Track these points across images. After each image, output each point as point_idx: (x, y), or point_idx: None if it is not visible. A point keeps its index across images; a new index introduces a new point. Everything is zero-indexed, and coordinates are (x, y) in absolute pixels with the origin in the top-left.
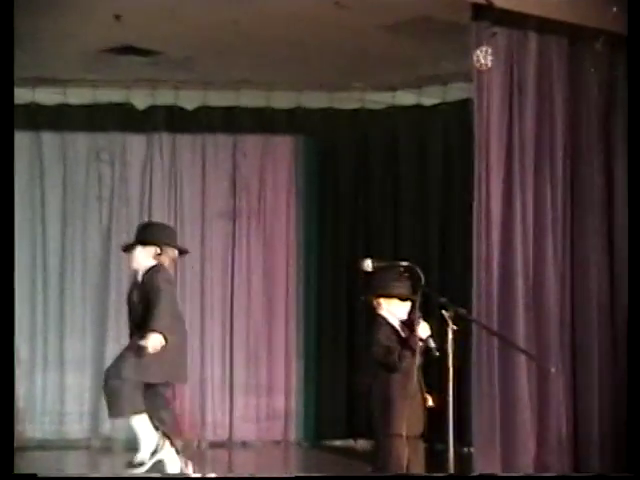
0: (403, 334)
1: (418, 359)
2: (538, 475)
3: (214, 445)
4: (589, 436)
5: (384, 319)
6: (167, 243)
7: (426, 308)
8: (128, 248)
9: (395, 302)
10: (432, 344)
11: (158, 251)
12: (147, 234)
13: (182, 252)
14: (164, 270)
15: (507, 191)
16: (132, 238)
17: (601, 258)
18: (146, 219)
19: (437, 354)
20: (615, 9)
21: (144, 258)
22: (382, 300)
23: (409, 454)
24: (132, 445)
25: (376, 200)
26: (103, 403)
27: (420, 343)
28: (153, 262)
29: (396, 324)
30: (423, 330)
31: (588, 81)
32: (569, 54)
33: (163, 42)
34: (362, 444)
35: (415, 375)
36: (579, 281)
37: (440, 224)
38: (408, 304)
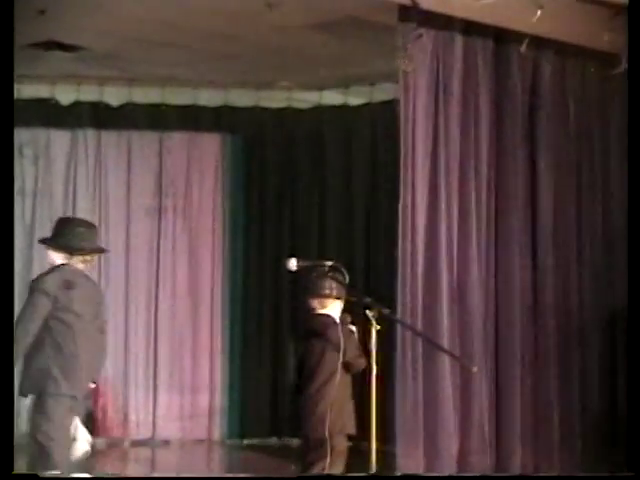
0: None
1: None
2: (537, 475)
3: (137, 444)
4: (511, 435)
5: (327, 317)
6: (71, 249)
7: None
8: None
9: (332, 302)
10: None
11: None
12: (55, 238)
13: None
14: (66, 271)
15: (432, 191)
16: None
17: (524, 259)
18: (69, 215)
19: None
20: (540, 12)
21: (55, 256)
22: (314, 300)
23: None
24: None
25: (302, 199)
26: (25, 402)
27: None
28: (62, 261)
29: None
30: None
31: (512, 82)
32: (494, 56)
33: (88, 37)
34: (286, 442)
35: (347, 375)
36: (502, 281)
37: (365, 224)
38: (339, 304)
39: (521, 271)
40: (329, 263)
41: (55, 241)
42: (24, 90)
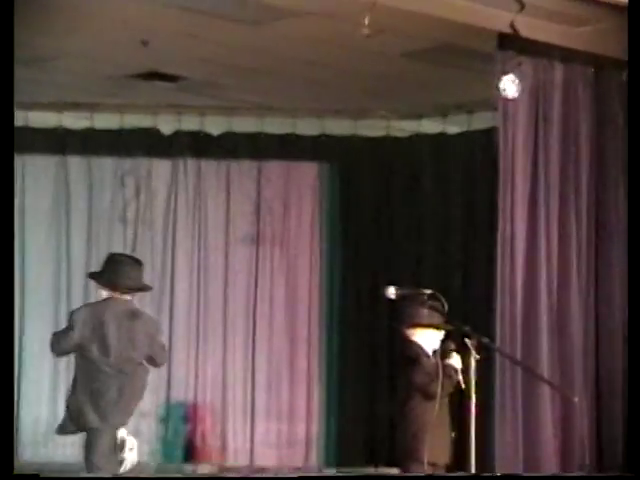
0: (437, 363)
1: (450, 389)
2: (540, 475)
3: (235, 470)
4: (613, 466)
5: (420, 347)
6: (114, 286)
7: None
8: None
9: (426, 331)
10: (460, 376)
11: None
12: (102, 273)
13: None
14: (105, 306)
15: (532, 220)
16: (154, 262)
17: (625, 287)
18: (170, 243)
19: (463, 386)
20: None
21: (102, 292)
22: (417, 329)
23: None
24: (151, 469)
25: (399, 228)
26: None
27: (453, 374)
28: (106, 295)
29: (430, 353)
30: (456, 361)
31: (613, 111)
32: (594, 84)
33: (188, 67)
34: (383, 471)
35: (446, 405)
36: (603, 311)
37: (464, 252)
38: (439, 333)
39: (622, 299)
40: (428, 291)
41: (101, 276)
42: (126, 120)
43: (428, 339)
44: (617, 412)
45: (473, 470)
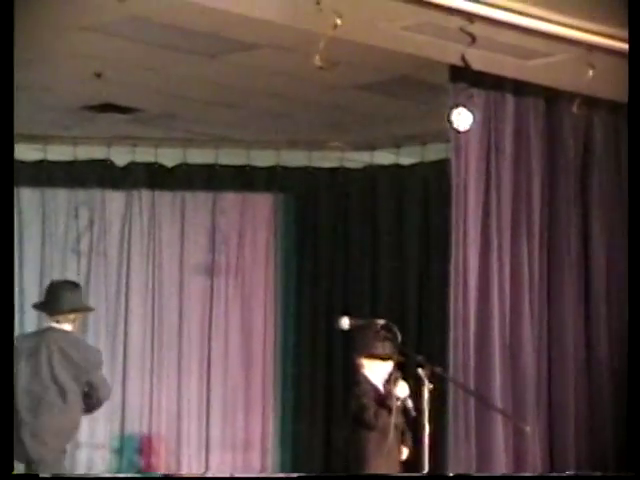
0: (383, 393)
1: (396, 418)
2: (539, 475)
3: None
4: None
5: (365, 377)
6: (49, 310)
7: (404, 366)
8: None
9: (377, 361)
10: (410, 404)
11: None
12: (42, 301)
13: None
14: (40, 335)
15: (484, 250)
16: (108, 293)
17: (577, 319)
18: (124, 274)
19: (414, 414)
20: (591, 73)
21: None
22: (364, 359)
23: None
24: None
25: (355, 258)
26: (78, 460)
27: (398, 402)
28: (49, 324)
29: (378, 383)
30: (401, 389)
31: (565, 142)
32: (546, 116)
33: (143, 99)
34: None
35: (392, 433)
36: (555, 341)
37: (417, 283)
38: (390, 363)
39: (574, 330)
40: (381, 322)
41: (43, 304)
42: (80, 151)
43: (377, 369)
44: (569, 440)
45: None
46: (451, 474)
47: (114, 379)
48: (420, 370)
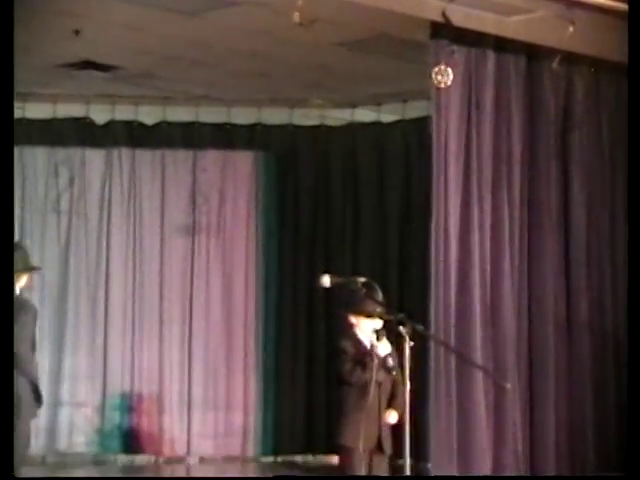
0: (367, 349)
1: (378, 376)
2: (538, 476)
3: (172, 461)
4: (545, 451)
5: (352, 334)
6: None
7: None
8: None
9: (365, 319)
10: (390, 362)
11: None
12: None
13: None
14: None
15: (465, 208)
16: (89, 251)
17: (557, 274)
18: (105, 233)
19: (394, 373)
20: (572, 27)
21: None
22: (353, 316)
23: (369, 467)
24: (88, 460)
25: (336, 215)
26: (60, 419)
27: (376, 360)
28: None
29: (365, 340)
30: (383, 348)
31: (545, 99)
32: (526, 72)
33: (123, 57)
34: (320, 459)
35: (373, 390)
36: (535, 297)
37: (399, 240)
38: (378, 321)
39: (554, 287)
40: (362, 280)
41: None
42: (59, 109)
43: (365, 327)
44: (549, 397)
45: (407, 455)
46: (456, 474)
47: (95, 339)
48: (401, 328)
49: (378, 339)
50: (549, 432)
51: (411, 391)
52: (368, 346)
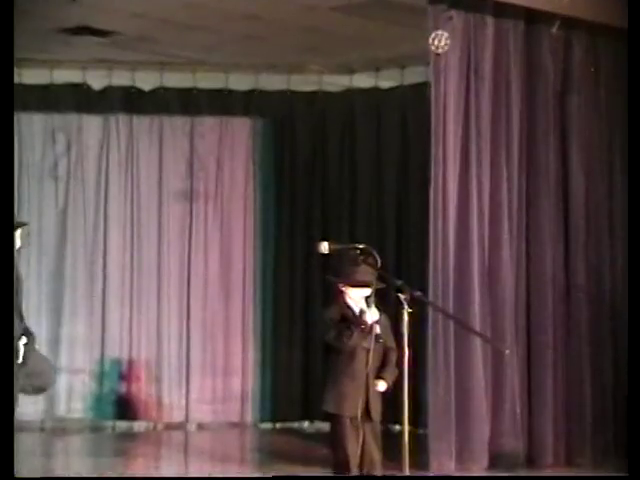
0: (356, 317)
1: (366, 342)
2: (537, 475)
3: (171, 427)
4: (543, 418)
5: (343, 300)
6: None
7: (384, 290)
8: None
9: (355, 288)
10: (377, 330)
11: None
12: None
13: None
14: None
15: (464, 174)
16: (87, 218)
17: (556, 241)
18: (102, 200)
19: (381, 340)
20: None
21: None
22: (343, 285)
23: (360, 434)
24: (86, 426)
25: (333, 182)
26: (58, 385)
27: (364, 327)
28: None
29: (354, 307)
30: (370, 315)
31: (544, 63)
32: (525, 37)
33: (119, 21)
34: (318, 426)
35: (360, 357)
36: (534, 263)
37: (397, 206)
38: (368, 290)
39: (553, 253)
40: (361, 246)
41: None
42: (56, 75)
43: (355, 295)
44: (547, 363)
45: (406, 422)
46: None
47: (94, 306)
48: (400, 294)
49: (367, 306)
50: (547, 398)
51: (410, 358)
52: (357, 312)
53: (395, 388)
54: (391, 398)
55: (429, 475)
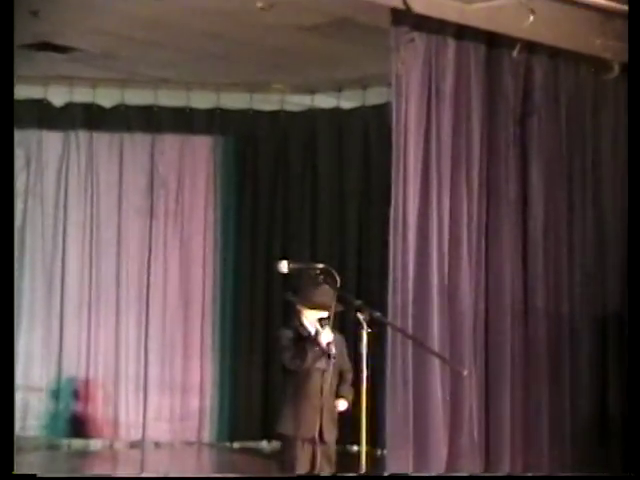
0: (311, 338)
1: (320, 364)
2: (537, 475)
3: (128, 445)
4: (500, 438)
5: (299, 322)
6: None
7: (343, 311)
8: None
9: (313, 310)
10: (332, 351)
11: None
12: None
13: None
14: None
15: (424, 194)
16: (45, 234)
17: (515, 261)
18: (61, 216)
19: (334, 360)
20: (532, 17)
21: None
22: (301, 306)
23: (311, 457)
24: (41, 444)
25: (294, 201)
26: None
27: (318, 348)
28: None
29: (310, 327)
30: (325, 336)
31: (505, 86)
32: (486, 60)
33: (81, 38)
34: (276, 445)
35: (315, 378)
36: (493, 284)
37: (357, 226)
38: (325, 312)
39: (512, 273)
40: (320, 266)
41: None
42: (16, 91)
43: (312, 316)
44: (505, 383)
45: (363, 442)
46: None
47: (51, 322)
48: (359, 314)
49: (322, 327)
50: (505, 418)
51: (368, 378)
52: (312, 333)
53: (354, 408)
54: (349, 418)
55: (429, 475)
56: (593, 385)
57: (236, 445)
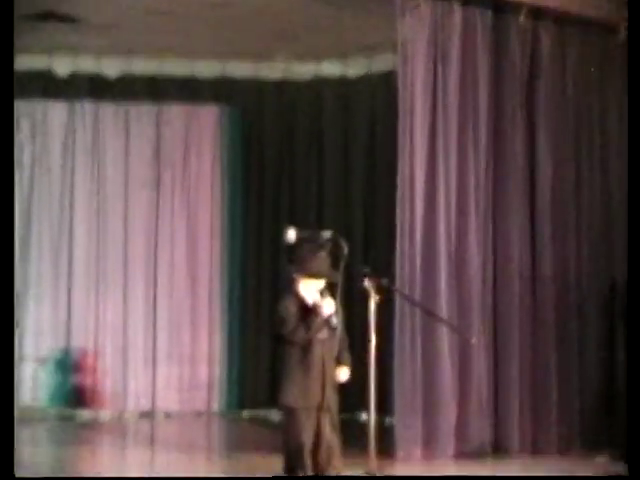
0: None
1: (321, 334)
2: (537, 475)
3: (137, 415)
4: (509, 406)
5: (296, 293)
6: None
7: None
8: None
9: (310, 279)
10: (334, 321)
11: None
12: None
13: None
14: None
15: (431, 161)
16: (52, 206)
17: (522, 228)
18: (67, 187)
19: (337, 331)
20: None
21: None
22: (298, 276)
23: (316, 426)
24: (51, 415)
25: (301, 170)
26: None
27: (319, 318)
28: None
29: (308, 298)
30: (327, 306)
31: (511, 51)
32: (493, 26)
33: (85, 8)
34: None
35: (316, 348)
36: (500, 253)
37: (364, 194)
38: (322, 281)
39: (519, 241)
40: (328, 233)
41: None
42: (21, 62)
43: (310, 286)
44: (513, 351)
45: (372, 410)
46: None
47: (59, 294)
48: (366, 282)
49: (322, 297)
50: (513, 386)
51: (376, 346)
52: (310, 304)
53: (361, 376)
54: (358, 386)
55: (429, 475)
56: (600, 350)
57: (245, 414)
